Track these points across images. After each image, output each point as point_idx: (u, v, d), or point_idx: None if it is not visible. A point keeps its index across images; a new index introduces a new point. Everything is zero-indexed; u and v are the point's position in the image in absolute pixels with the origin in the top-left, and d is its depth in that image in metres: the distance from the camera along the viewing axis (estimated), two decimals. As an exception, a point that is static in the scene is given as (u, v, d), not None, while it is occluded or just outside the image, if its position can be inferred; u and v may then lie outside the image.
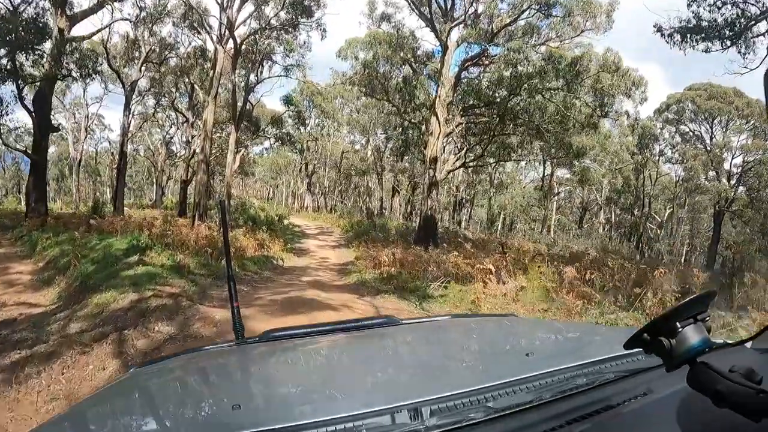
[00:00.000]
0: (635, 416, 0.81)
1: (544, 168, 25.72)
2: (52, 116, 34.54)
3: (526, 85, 14.54)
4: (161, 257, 8.17)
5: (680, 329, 0.69)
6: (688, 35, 12.15)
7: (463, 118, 16.10)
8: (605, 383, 0.92)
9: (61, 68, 13.38)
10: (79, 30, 16.90)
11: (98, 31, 13.98)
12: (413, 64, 17.59)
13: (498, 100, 15.91)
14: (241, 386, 1.19)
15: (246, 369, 1.37)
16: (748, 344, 1.01)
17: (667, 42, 11.94)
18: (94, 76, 13.93)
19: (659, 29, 12.07)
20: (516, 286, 6.60)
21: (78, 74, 13.47)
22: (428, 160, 15.97)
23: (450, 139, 17.66)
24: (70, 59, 13.20)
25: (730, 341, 1.03)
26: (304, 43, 19.47)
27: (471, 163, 16.67)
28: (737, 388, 0.59)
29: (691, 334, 0.68)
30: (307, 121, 27.25)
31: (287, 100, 21.08)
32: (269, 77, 19.56)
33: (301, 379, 1.19)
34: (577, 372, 0.94)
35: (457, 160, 16.41)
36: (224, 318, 4.76)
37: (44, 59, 13.16)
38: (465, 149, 15.86)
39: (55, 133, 36.82)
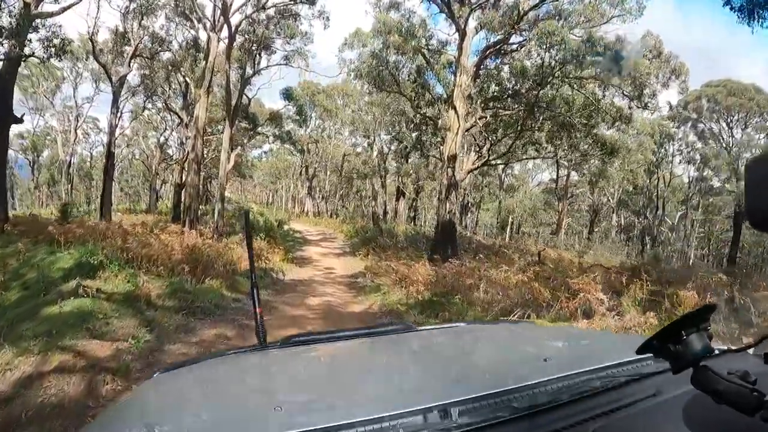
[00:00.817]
0: (645, 415, 0.86)
1: (558, 169, 23.37)
2: (42, 118, 32.01)
3: (559, 72, 12.16)
4: (117, 279, 5.63)
5: (685, 336, 0.74)
6: (759, 10, 9.94)
7: (485, 111, 13.68)
8: (617, 386, 0.95)
9: (24, 47, 10.80)
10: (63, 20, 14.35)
11: (69, 6, 11.44)
12: (426, 54, 15.16)
13: (524, 90, 13.53)
14: (275, 388, 1.15)
15: (279, 372, 1.32)
16: (750, 350, 0.99)
17: (738, 17, 9.71)
18: (61, 56, 11.34)
19: (728, 2, 9.82)
20: (639, 320, 4.15)
21: (45, 54, 10.87)
22: (446, 158, 13.56)
23: (465, 135, 15.22)
24: (35, 37, 10.63)
25: (733, 347, 1.03)
26: (306, 33, 17.01)
27: (494, 161, 14.27)
28: (734, 388, 0.64)
29: (695, 341, 0.73)
30: (308, 121, 24.75)
31: (287, 94, 18.56)
32: (268, 66, 17.04)
33: (332, 381, 1.17)
34: (591, 376, 0.97)
35: (477, 158, 13.98)
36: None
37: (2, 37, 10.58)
38: (489, 145, 13.44)
39: (43, 132, 34.26)
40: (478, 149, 14.20)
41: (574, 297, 5.36)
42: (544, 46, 12.00)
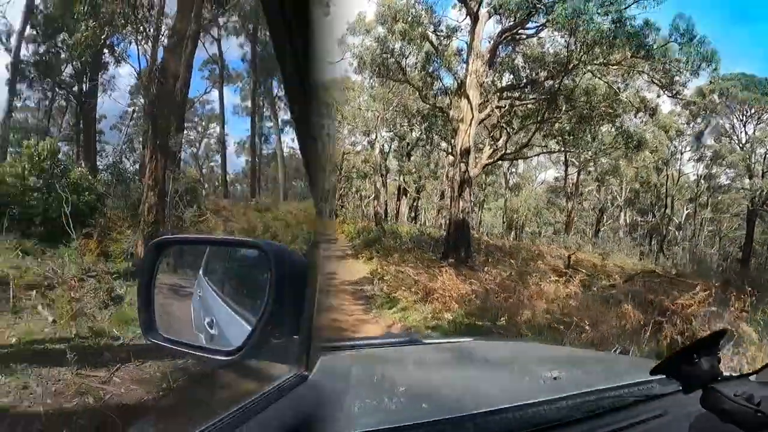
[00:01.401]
0: None
1: (567, 166, 21.94)
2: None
3: (585, 57, 10.71)
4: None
5: (697, 360, 0.75)
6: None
7: (501, 101, 12.22)
8: (627, 405, 0.95)
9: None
10: None
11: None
12: (434, 42, 13.65)
13: (542, 78, 12.09)
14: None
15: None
16: (752, 377, 0.98)
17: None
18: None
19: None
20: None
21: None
22: (458, 152, 12.12)
23: (479, 127, 13.73)
24: None
25: (735, 374, 1.00)
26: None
27: (510, 156, 12.87)
28: (740, 408, 0.66)
29: (705, 365, 0.75)
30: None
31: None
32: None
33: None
34: (601, 395, 0.95)
35: (493, 152, 12.54)
36: None
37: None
38: (506, 138, 11.99)
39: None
40: (493, 142, 12.73)
41: (669, 320, 3.87)
42: (569, 28, 10.54)
